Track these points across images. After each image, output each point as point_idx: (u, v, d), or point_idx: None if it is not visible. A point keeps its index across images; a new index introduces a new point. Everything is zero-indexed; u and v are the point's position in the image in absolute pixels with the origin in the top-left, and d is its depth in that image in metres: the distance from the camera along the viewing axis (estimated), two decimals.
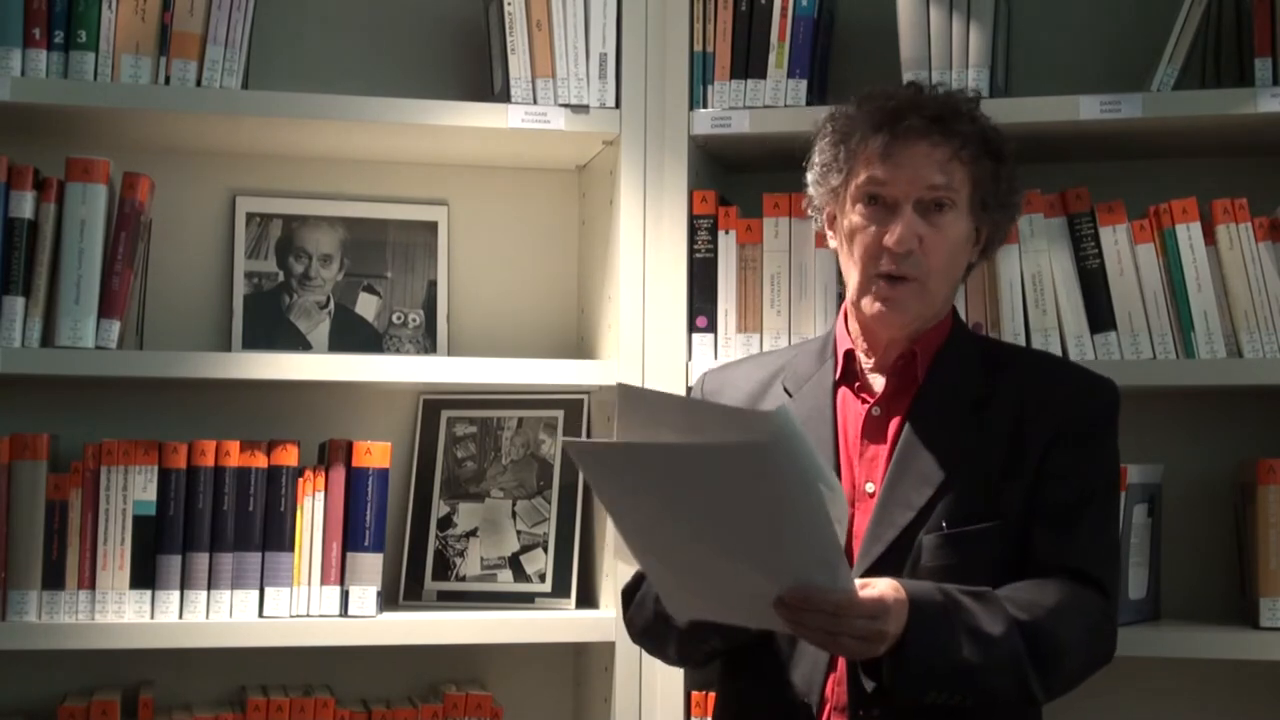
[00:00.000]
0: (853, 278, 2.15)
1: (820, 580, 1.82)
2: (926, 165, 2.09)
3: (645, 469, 1.80)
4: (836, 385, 2.17)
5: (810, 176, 2.21)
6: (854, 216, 2.13)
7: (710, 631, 2.05)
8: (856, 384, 2.17)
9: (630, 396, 1.90)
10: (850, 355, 2.18)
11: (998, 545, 2.05)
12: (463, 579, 2.76)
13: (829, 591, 1.82)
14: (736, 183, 2.83)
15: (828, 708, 2.04)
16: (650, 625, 2.13)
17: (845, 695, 2.03)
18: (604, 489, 1.88)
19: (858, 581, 1.87)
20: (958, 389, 2.13)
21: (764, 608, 1.86)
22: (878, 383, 2.16)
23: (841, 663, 2.03)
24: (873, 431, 2.13)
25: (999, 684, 1.94)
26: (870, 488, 2.09)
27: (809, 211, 2.26)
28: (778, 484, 1.74)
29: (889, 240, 2.08)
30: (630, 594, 2.20)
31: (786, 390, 2.20)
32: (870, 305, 2.12)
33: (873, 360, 2.17)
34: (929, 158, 2.10)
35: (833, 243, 2.21)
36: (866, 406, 2.14)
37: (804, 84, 2.65)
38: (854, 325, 2.19)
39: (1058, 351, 2.54)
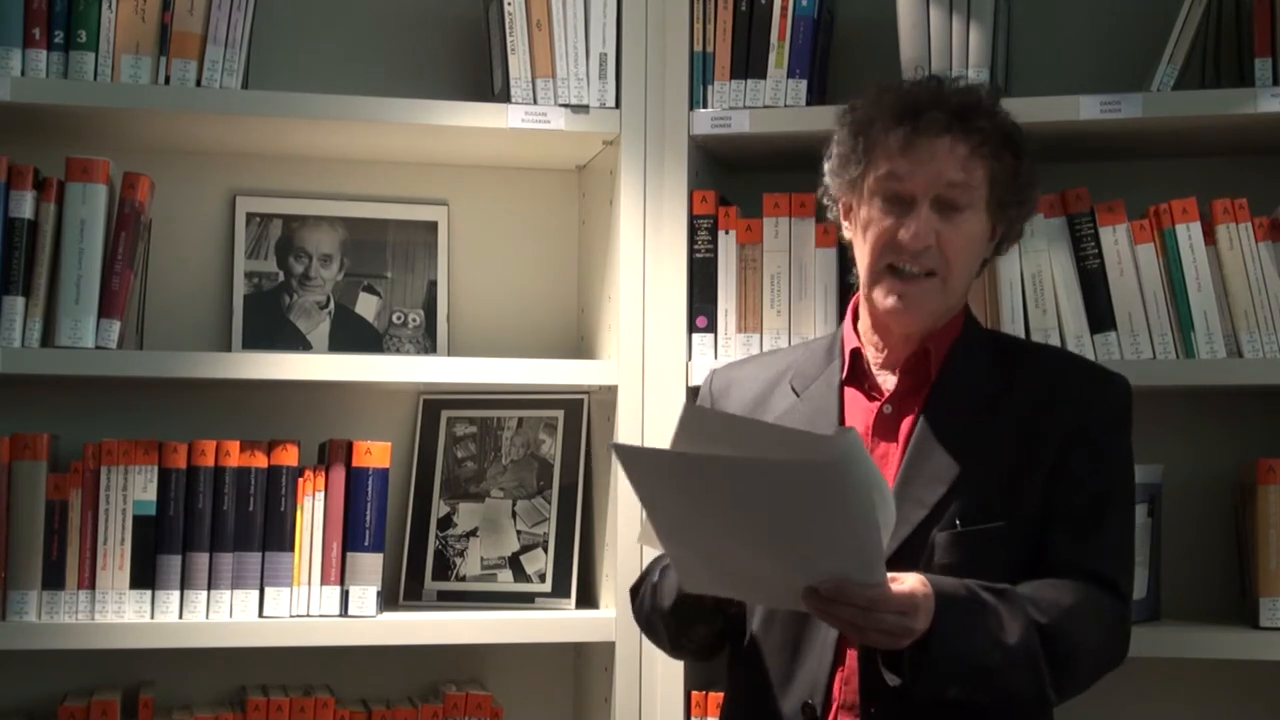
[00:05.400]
0: (865, 268, 2.13)
1: (855, 575, 1.83)
2: (946, 161, 2.08)
3: (698, 479, 1.80)
4: (843, 385, 2.17)
5: (828, 166, 2.19)
6: (872, 209, 2.11)
7: (695, 618, 2.08)
8: (865, 383, 2.16)
9: (693, 416, 1.90)
10: (857, 354, 2.17)
11: (1010, 544, 2.05)
12: (463, 579, 2.76)
13: (864, 586, 1.83)
14: (736, 183, 2.82)
15: (835, 706, 2.04)
16: (648, 619, 2.18)
17: (854, 693, 2.03)
18: (645, 490, 1.87)
19: (888, 575, 1.87)
20: (972, 386, 2.12)
21: (787, 592, 1.87)
22: (888, 381, 2.15)
23: (851, 659, 2.03)
24: (884, 430, 2.12)
25: (1016, 683, 1.95)
26: None
27: (824, 200, 2.24)
28: (837, 500, 1.75)
29: (905, 236, 2.07)
30: (635, 592, 2.23)
31: (794, 390, 2.19)
32: (883, 299, 2.10)
33: (882, 358, 2.16)
34: (949, 154, 2.08)
35: (847, 234, 2.19)
36: (877, 405, 2.14)
37: (804, 84, 2.65)
38: (864, 323, 2.18)
39: None
